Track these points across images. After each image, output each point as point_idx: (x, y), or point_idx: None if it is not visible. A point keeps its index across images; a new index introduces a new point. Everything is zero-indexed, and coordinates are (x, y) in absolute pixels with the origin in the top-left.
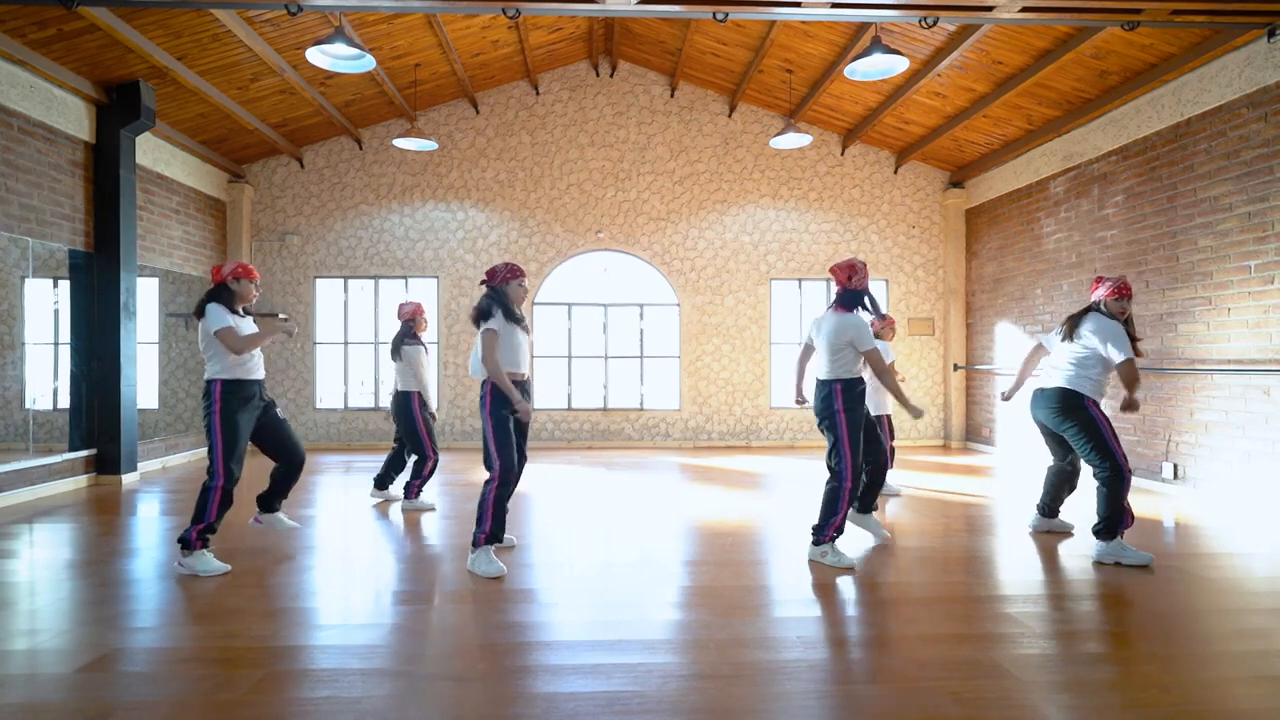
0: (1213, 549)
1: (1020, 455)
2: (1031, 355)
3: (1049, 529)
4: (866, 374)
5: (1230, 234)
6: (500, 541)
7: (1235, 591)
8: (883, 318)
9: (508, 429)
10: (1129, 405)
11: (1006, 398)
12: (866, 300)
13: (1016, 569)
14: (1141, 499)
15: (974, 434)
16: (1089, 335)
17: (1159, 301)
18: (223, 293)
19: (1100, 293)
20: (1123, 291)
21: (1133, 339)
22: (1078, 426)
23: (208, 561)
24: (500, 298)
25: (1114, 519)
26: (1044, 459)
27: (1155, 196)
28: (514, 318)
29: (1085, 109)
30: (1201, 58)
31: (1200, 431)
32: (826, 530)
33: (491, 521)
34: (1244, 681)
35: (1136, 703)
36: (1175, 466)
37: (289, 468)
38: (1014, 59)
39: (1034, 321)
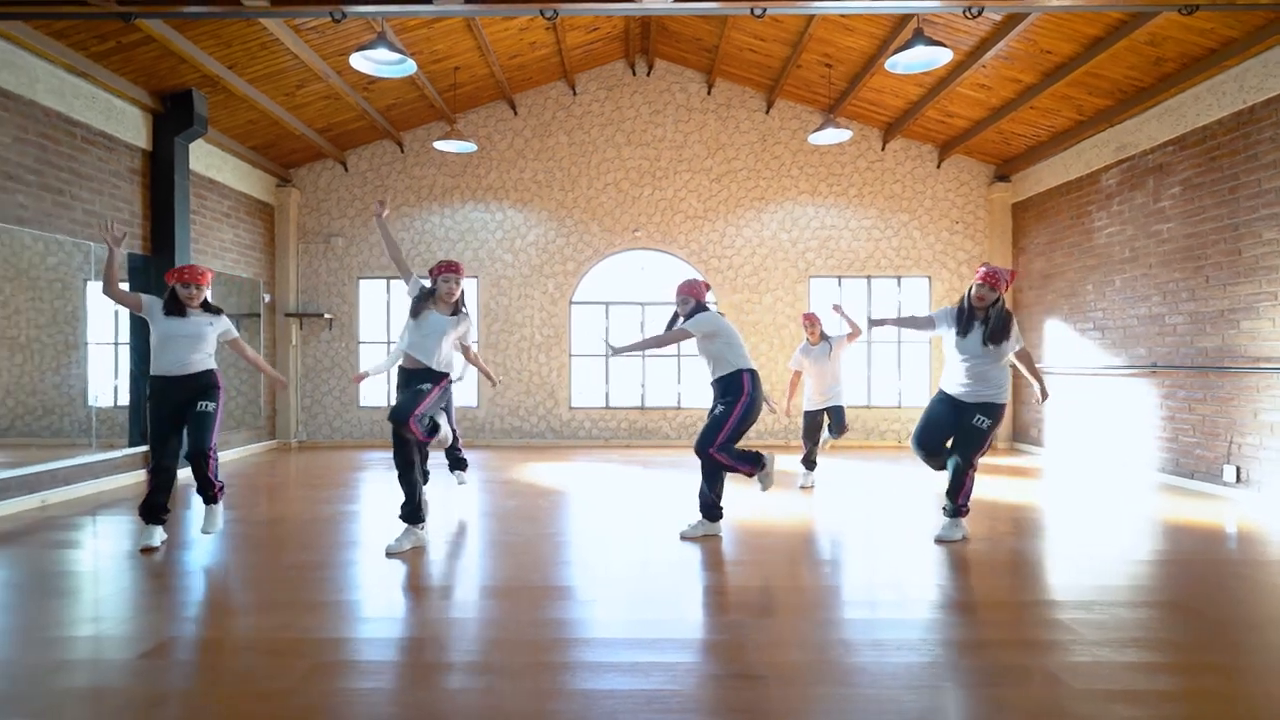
0: (1279, 555)
1: (1070, 457)
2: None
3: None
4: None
5: None
6: None
7: None
8: None
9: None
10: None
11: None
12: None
13: (1067, 573)
14: (1202, 503)
15: (1021, 435)
16: None
17: (1219, 297)
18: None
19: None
20: (984, 279)
21: (996, 328)
22: None
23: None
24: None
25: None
26: (1095, 461)
27: (1216, 188)
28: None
29: (1139, 98)
30: (1266, 42)
31: (1265, 433)
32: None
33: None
34: None
35: (1198, 715)
36: (1238, 469)
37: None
38: (1063, 48)
39: (1085, 319)
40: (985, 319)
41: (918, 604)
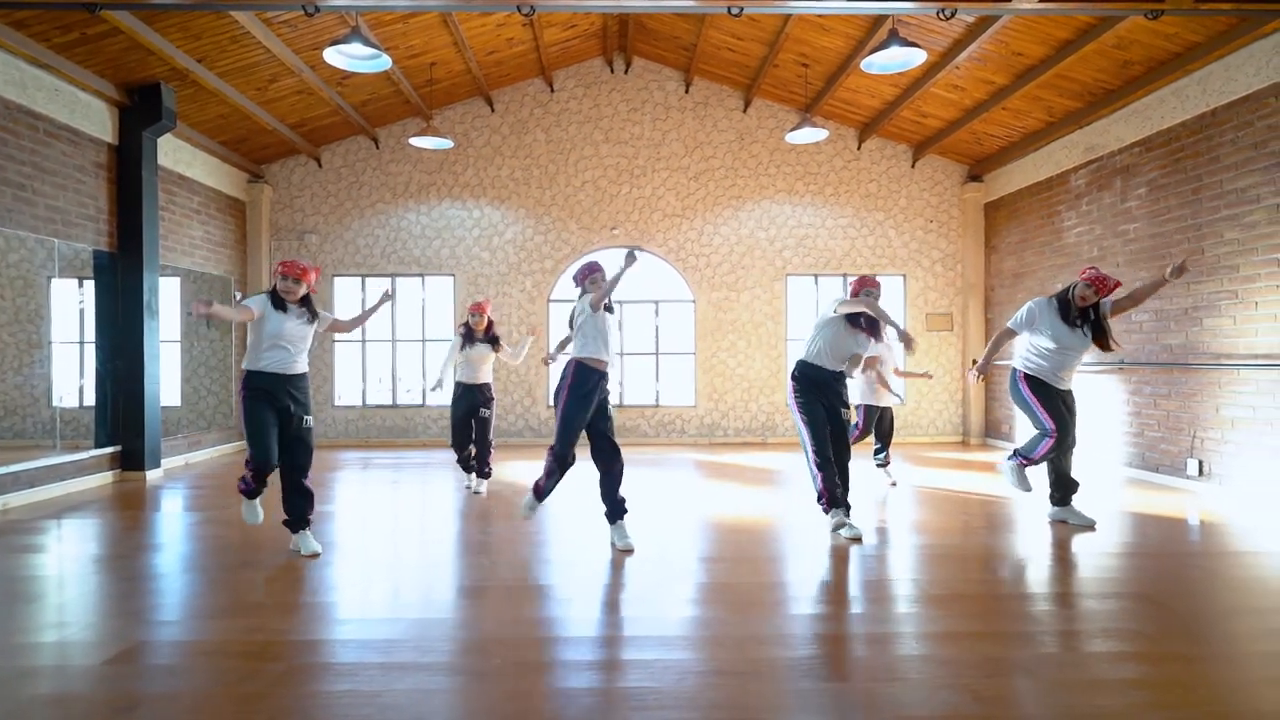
0: (1239, 547)
1: None
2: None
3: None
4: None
5: (1258, 226)
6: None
7: (1263, 591)
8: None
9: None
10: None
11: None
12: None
13: (1037, 567)
14: (1165, 496)
15: (993, 430)
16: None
17: (1183, 296)
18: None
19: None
20: (1091, 281)
21: (1098, 330)
22: (1015, 402)
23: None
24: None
25: (1033, 462)
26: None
27: (1180, 189)
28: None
29: (1107, 100)
30: (1228, 46)
31: (1226, 427)
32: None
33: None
34: (1271, 682)
35: (1161, 703)
36: (1200, 463)
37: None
38: (1034, 50)
39: None
40: (1085, 317)
41: (893, 598)
